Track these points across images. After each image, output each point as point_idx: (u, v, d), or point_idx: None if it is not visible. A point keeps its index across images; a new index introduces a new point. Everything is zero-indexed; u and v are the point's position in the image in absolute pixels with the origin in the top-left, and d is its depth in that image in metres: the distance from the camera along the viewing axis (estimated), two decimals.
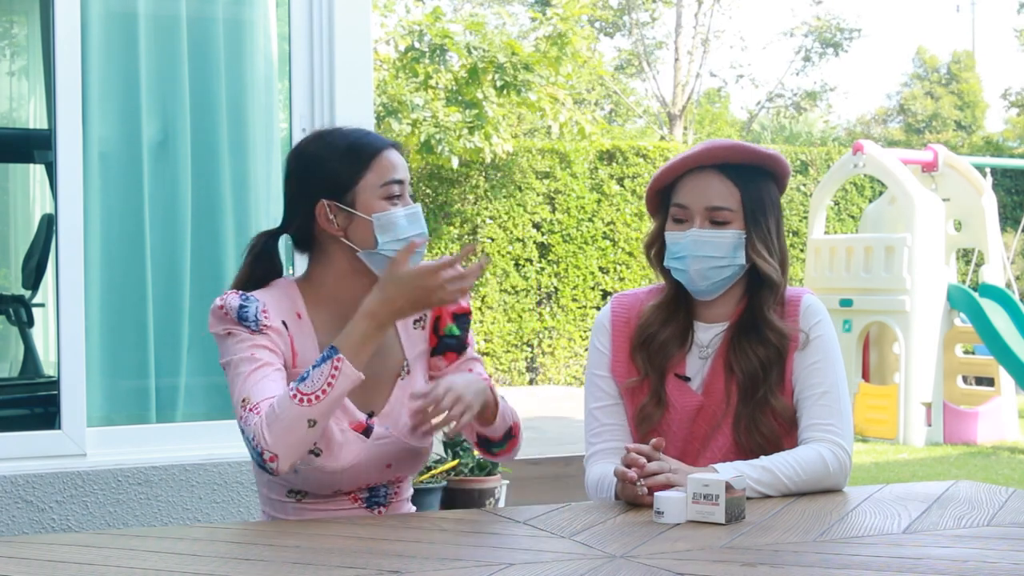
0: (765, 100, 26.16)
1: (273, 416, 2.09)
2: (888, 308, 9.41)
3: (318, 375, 2.10)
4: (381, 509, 2.34)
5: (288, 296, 2.28)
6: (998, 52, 46.63)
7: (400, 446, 2.30)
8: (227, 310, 2.21)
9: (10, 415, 4.63)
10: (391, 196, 2.26)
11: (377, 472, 2.30)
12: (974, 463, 8.44)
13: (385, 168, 2.27)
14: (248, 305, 2.21)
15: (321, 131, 2.36)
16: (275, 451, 2.08)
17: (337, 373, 2.10)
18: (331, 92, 3.97)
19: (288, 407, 2.09)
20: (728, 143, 2.41)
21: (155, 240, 3.92)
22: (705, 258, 2.36)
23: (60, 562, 1.82)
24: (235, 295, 2.23)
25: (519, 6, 23.37)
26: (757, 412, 2.36)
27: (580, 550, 1.88)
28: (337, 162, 2.26)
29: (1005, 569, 1.77)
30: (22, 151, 5.93)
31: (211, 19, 4.04)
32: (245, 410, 2.13)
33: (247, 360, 2.17)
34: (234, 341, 2.19)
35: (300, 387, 2.10)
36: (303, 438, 2.10)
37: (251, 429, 2.10)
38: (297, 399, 2.09)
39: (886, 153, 10.17)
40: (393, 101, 10.81)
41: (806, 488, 2.29)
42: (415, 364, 2.36)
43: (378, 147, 2.28)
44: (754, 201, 2.38)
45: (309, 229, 2.28)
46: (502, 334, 11.99)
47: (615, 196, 12.58)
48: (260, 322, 2.20)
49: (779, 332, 2.37)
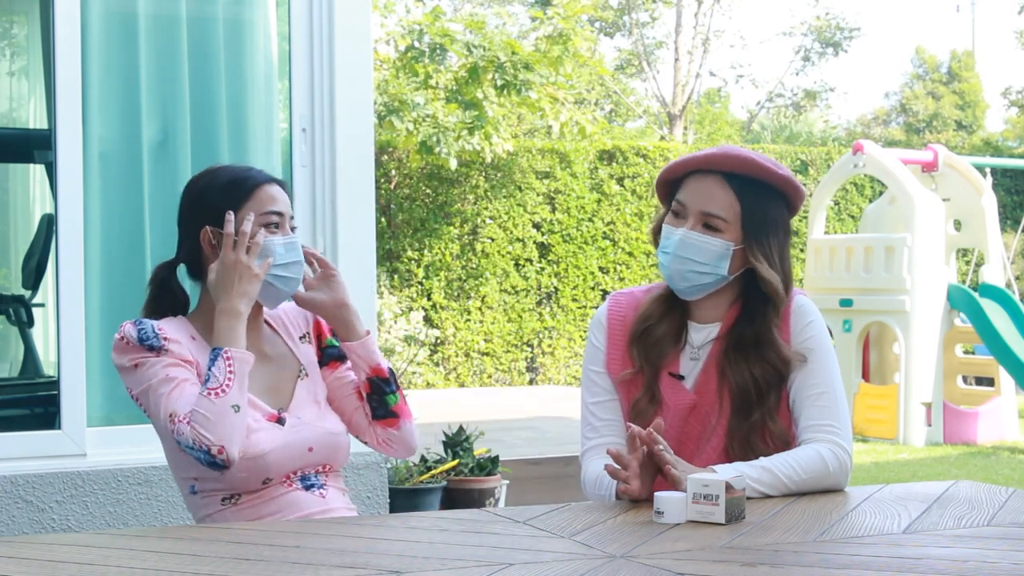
0: (765, 100, 26.17)
1: (200, 416, 2.25)
2: (888, 308, 9.41)
3: (217, 371, 2.29)
4: (321, 492, 2.42)
5: (181, 325, 2.43)
6: (998, 52, 46.66)
7: (316, 430, 2.44)
8: (127, 339, 2.34)
9: (10, 415, 4.63)
10: (268, 224, 2.43)
11: (300, 455, 2.41)
12: (974, 463, 8.44)
13: (264, 200, 2.44)
14: (144, 327, 2.35)
15: (210, 167, 2.54)
16: (220, 443, 2.25)
17: (232, 360, 2.30)
18: (331, 92, 3.98)
19: (209, 404, 2.26)
20: (742, 154, 2.38)
21: (155, 240, 3.92)
22: (687, 260, 2.36)
23: (60, 562, 1.82)
24: (129, 324, 2.36)
25: (519, 6, 23.38)
26: (753, 435, 2.35)
27: (580, 550, 1.88)
28: (220, 192, 2.45)
29: (1005, 569, 1.77)
30: (22, 151, 5.93)
31: (211, 19, 4.05)
32: (175, 423, 2.27)
33: (164, 381, 2.31)
34: (144, 368, 2.32)
35: (209, 385, 2.28)
36: (235, 422, 2.27)
37: (187, 437, 2.26)
38: (213, 395, 2.27)
39: (886, 153, 10.17)
40: (394, 100, 10.81)
41: (806, 488, 2.29)
42: (311, 368, 2.54)
43: (259, 181, 2.47)
44: (755, 216, 2.36)
45: (197, 254, 2.46)
46: (502, 334, 11.99)
47: (615, 196, 12.58)
48: (160, 336, 2.33)
49: (781, 355, 2.36)
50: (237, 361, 2.30)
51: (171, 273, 2.52)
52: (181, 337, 2.37)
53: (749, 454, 2.33)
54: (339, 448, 2.48)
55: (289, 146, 4.02)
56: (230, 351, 2.30)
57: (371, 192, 4.08)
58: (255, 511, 2.36)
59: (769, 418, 2.35)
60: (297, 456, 2.39)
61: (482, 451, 4.98)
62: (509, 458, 5.22)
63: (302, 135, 3.97)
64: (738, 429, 2.36)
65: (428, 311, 11.67)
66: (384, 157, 11.63)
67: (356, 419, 2.55)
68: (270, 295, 2.45)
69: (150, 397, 2.31)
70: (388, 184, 11.74)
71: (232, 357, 2.30)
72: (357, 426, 2.55)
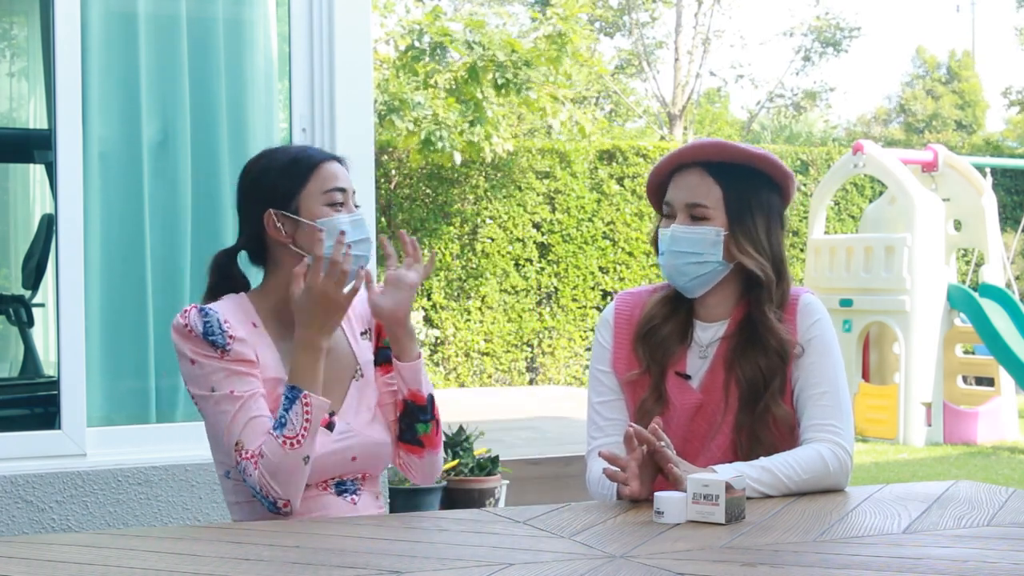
0: (765, 100, 26.17)
1: (271, 466, 2.21)
2: (888, 308, 9.41)
3: (294, 416, 2.23)
4: (353, 497, 2.39)
5: (241, 308, 2.36)
6: (998, 51, 46.65)
7: (362, 439, 2.39)
8: (191, 328, 2.28)
9: (10, 415, 4.63)
10: (333, 203, 2.36)
11: (343, 464, 2.37)
12: (974, 463, 8.44)
13: (326, 177, 2.37)
14: (211, 320, 2.28)
15: (264, 151, 2.47)
16: (286, 497, 2.23)
17: (309, 408, 2.23)
18: (331, 92, 3.97)
19: (282, 456, 2.21)
20: (713, 141, 2.42)
21: (155, 240, 3.92)
22: (681, 253, 2.37)
23: (60, 562, 1.82)
24: (195, 311, 2.30)
25: (519, 6, 23.37)
26: (759, 423, 2.36)
27: (580, 550, 1.88)
28: (280, 174, 2.37)
29: (1005, 569, 1.77)
30: (22, 151, 5.93)
31: (211, 19, 4.05)
32: (241, 458, 2.24)
33: (229, 399, 2.26)
34: (206, 371, 2.27)
35: (284, 432, 2.22)
36: (303, 473, 2.24)
37: (254, 480, 2.22)
38: (288, 445, 2.21)
39: (886, 153, 10.17)
40: (394, 100, 10.81)
41: (807, 488, 2.29)
42: (367, 368, 2.46)
43: (319, 159, 2.39)
44: (738, 200, 2.38)
45: (260, 240, 2.39)
46: (502, 334, 11.99)
47: (615, 196, 12.58)
48: (226, 333, 2.27)
49: (779, 338, 2.37)
50: (315, 409, 2.23)
51: (231, 260, 2.44)
52: (243, 328, 2.30)
53: (756, 444, 2.34)
54: (382, 458, 2.43)
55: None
56: (309, 397, 2.23)
57: (371, 192, 4.07)
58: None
59: (773, 403, 2.36)
60: (339, 464, 2.36)
61: (482, 451, 4.98)
62: (509, 458, 5.22)
63: (302, 135, 3.97)
64: (745, 421, 2.36)
65: (428, 311, 11.68)
66: (384, 157, 11.63)
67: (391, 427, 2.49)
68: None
69: (210, 408, 2.27)
70: (388, 184, 11.74)
71: (311, 404, 2.23)
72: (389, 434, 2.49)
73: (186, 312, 2.30)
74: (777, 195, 2.44)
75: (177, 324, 2.30)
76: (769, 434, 2.35)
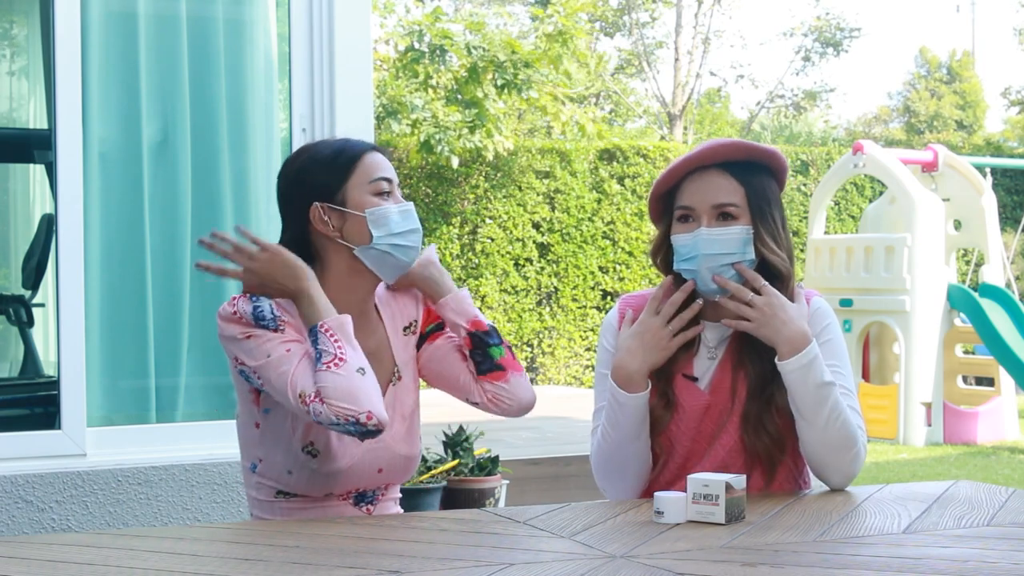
0: (765, 100, 26.18)
1: (332, 391, 2.12)
2: (888, 308, 9.41)
3: (323, 345, 2.16)
4: (369, 507, 2.38)
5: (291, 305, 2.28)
6: (998, 51, 46.65)
7: (391, 452, 2.36)
8: (240, 313, 2.22)
9: (10, 415, 4.63)
10: (380, 192, 2.32)
11: (369, 476, 2.35)
12: (974, 463, 8.44)
13: (371, 167, 2.33)
14: (261, 305, 2.22)
15: (302, 147, 2.42)
16: (365, 409, 2.13)
17: (331, 330, 2.18)
18: (331, 92, 3.97)
19: (332, 377, 2.13)
20: (729, 141, 2.42)
21: (155, 240, 3.92)
22: (716, 255, 2.36)
23: (60, 562, 1.82)
24: (244, 299, 2.23)
25: (519, 6, 23.37)
26: (764, 412, 2.36)
27: (580, 550, 1.88)
28: (324, 167, 2.32)
29: (1005, 569, 1.77)
30: (22, 151, 5.93)
31: (211, 19, 4.05)
32: (308, 403, 2.14)
33: (284, 359, 2.18)
34: (260, 342, 2.20)
35: (324, 360, 2.15)
36: (368, 384, 2.16)
37: (327, 415, 2.13)
38: (332, 366, 2.14)
39: (886, 153, 10.17)
40: (393, 102, 10.81)
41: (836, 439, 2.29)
42: (405, 370, 2.43)
43: (362, 149, 2.35)
44: (759, 196, 2.39)
45: (306, 236, 2.33)
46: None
47: (615, 195, 12.58)
48: (278, 318, 2.22)
49: None
50: (337, 327, 2.18)
51: None
52: (294, 316, 2.25)
53: (762, 432, 2.35)
54: (408, 468, 2.41)
55: (289, 146, 4.02)
56: (326, 323, 2.18)
57: None
58: (304, 513, 2.31)
59: (778, 391, 2.35)
60: (365, 476, 2.34)
61: (482, 451, 4.97)
62: (509, 458, 5.21)
63: (302, 135, 3.97)
64: (752, 410, 2.36)
65: None
66: None
67: (463, 380, 2.44)
68: (387, 266, 2.33)
69: (271, 372, 2.18)
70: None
71: (330, 327, 2.18)
72: (465, 387, 2.44)
73: (233, 300, 2.24)
74: (777, 186, 2.46)
75: (224, 312, 2.24)
76: (774, 420, 2.35)
